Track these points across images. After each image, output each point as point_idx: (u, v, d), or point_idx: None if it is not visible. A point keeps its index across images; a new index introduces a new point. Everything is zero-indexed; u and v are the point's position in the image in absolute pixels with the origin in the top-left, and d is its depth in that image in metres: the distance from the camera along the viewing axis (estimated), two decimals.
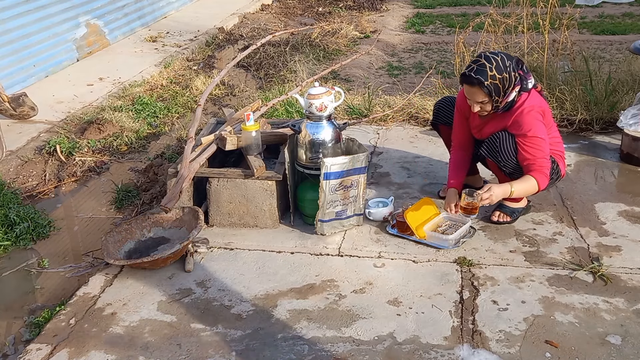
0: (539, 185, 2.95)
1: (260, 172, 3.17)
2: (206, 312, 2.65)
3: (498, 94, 2.89)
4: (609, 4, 9.07)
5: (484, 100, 2.92)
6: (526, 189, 2.97)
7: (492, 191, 2.88)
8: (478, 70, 2.86)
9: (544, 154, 2.94)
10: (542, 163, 2.94)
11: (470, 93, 2.94)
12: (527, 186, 2.95)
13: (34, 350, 2.47)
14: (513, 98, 2.94)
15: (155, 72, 6.16)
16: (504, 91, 2.90)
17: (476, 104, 2.96)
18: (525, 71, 2.96)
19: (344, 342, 2.43)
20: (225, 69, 4.14)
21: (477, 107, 2.97)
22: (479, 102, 2.93)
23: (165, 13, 8.47)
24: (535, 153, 2.92)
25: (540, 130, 2.93)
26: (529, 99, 2.96)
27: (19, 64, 5.61)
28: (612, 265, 2.83)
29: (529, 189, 2.97)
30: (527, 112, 2.93)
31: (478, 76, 2.85)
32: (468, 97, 2.99)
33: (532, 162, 2.93)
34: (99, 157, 4.40)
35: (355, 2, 9.71)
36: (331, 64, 6.31)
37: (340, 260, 2.98)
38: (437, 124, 3.51)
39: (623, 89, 4.63)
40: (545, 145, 2.94)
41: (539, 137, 2.91)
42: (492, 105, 2.94)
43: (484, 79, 2.85)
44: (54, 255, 3.29)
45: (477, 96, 2.92)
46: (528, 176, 2.95)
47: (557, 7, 4.97)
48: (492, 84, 2.85)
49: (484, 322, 2.51)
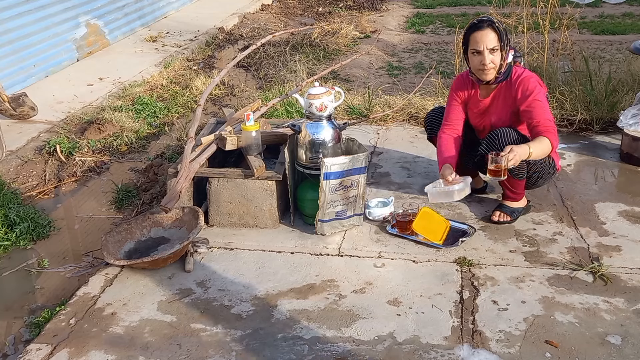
0: (552, 145, 2.94)
1: (260, 172, 3.17)
2: (206, 312, 2.65)
3: (506, 41, 2.96)
4: (609, 4, 9.10)
5: (495, 47, 2.94)
6: (542, 149, 2.94)
7: (515, 151, 2.84)
8: (485, 17, 2.99)
9: (549, 115, 2.99)
10: (550, 124, 2.96)
11: (482, 39, 2.94)
12: (542, 146, 2.94)
13: (34, 350, 2.47)
14: (510, 62, 3.01)
15: (155, 72, 6.16)
16: (506, 44, 2.97)
17: (487, 53, 2.95)
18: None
19: (344, 342, 2.43)
20: (225, 69, 4.14)
21: (488, 58, 2.96)
22: (490, 48, 2.94)
23: (165, 13, 8.47)
24: (543, 114, 2.95)
25: (542, 94, 2.99)
26: (526, 71, 3.05)
27: (19, 64, 5.61)
28: (612, 265, 2.83)
29: (544, 149, 2.95)
30: (527, 78, 3.01)
31: (487, 19, 2.97)
32: (478, 47, 2.96)
33: (541, 124, 2.94)
34: (99, 157, 4.40)
35: (355, 2, 9.71)
36: (331, 64, 6.31)
37: (340, 260, 2.98)
38: (433, 137, 3.48)
39: (623, 89, 4.63)
40: (549, 109, 3.01)
41: (541, 101, 2.96)
42: (501, 55, 2.97)
43: (494, 21, 2.96)
44: (54, 255, 3.29)
45: (488, 40, 2.93)
46: (542, 137, 2.94)
47: (557, 7, 4.97)
48: (500, 27, 2.95)
49: (484, 322, 2.51)
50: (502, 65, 3.00)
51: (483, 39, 2.95)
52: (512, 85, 3.03)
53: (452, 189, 2.96)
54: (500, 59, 2.98)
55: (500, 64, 2.99)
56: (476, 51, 2.98)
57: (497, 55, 2.98)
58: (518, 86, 3.01)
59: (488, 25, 2.94)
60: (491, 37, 2.94)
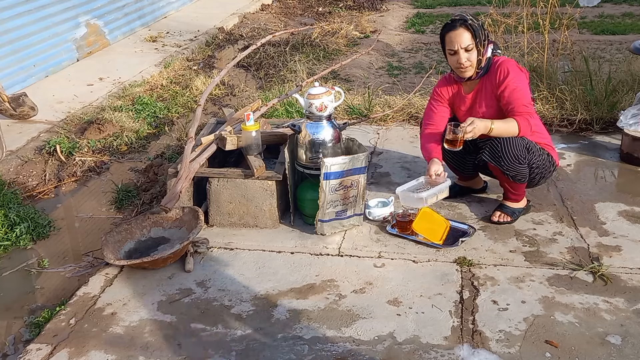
0: (519, 129, 2.93)
1: (260, 172, 3.17)
2: (206, 312, 2.65)
3: (481, 39, 2.95)
4: (609, 4, 9.09)
5: (469, 45, 2.94)
6: (507, 129, 2.95)
7: (475, 124, 2.88)
8: (458, 17, 2.98)
9: (526, 100, 2.97)
10: (524, 109, 2.95)
11: (456, 38, 2.95)
12: (507, 127, 2.95)
13: (34, 350, 2.47)
14: (489, 56, 3.02)
15: (155, 72, 6.16)
16: (484, 36, 2.97)
17: (462, 52, 2.96)
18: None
19: (344, 342, 2.43)
20: (225, 69, 4.14)
21: (464, 57, 2.97)
22: (464, 47, 2.95)
23: (165, 13, 8.47)
24: (519, 99, 2.95)
25: (520, 78, 2.99)
26: (504, 58, 3.07)
27: (19, 64, 5.61)
28: (612, 265, 2.83)
29: (509, 130, 2.95)
30: (505, 63, 3.01)
31: (460, 17, 2.96)
32: (453, 47, 2.97)
33: (515, 108, 2.95)
34: (99, 157, 4.40)
35: (355, 2, 9.70)
36: (331, 64, 6.31)
37: (340, 260, 2.98)
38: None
39: (623, 89, 4.63)
40: (527, 93, 3.00)
41: (518, 85, 2.96)
42: (478, 51, 2.97)
43: (466, 19, 2.95)
44: (54, 255, 3.29)
45: (462, 39, 2.93)
46: (510, 118, 2.96)
47: (557, 7, 4.97)
48: (474, 25, 2.94)
49: (484, 322, 2.51)
50: (480, 61, 3.01)
51: (457, 39, 2.96)
52: (492, 74, 3.04)
53: (421, 196, 2.92)
54: (478, 54, 2.99)
55: (479, 59, 3.00)
56: (452, 51, 2.99)
57: (473, 53, 2.98)
58: (497, 71, 3.01)
59: (461, 25, 2.94)
60: (465, 36, 2.94)
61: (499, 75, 3.00)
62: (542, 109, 4.53)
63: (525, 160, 2.97)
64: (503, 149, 2.96)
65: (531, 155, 2.99)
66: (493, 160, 3.02)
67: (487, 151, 3.03)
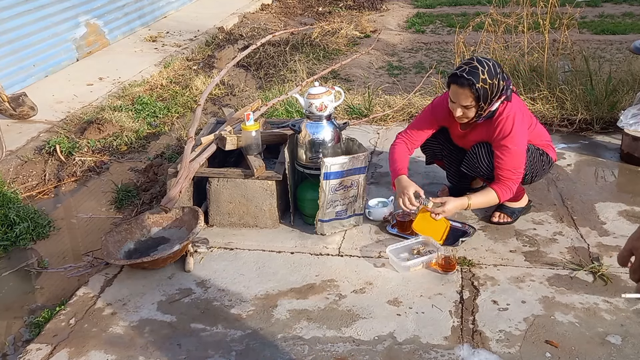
0: (499, 198, 2.93)
1: (260, 172, 3.17)
2: (206, 312, 2.65)
3: (485, 101, 2.81)
4: (609, 4, 9.09)
5: (469, 105, 2.83)
6: (486, 201, 2.97)
7: (446, 207, 2.90)
8: (470, 72, 2.77)
9: (516, 164, 2.88)
10: (510, 175, 2.89)
11: (457, 95, 2.83)
12: (486, 199, 2.96)
13: (34, 350, 2.47)
14: (496, 107, 2.88)
15: (155, 72, 6.16)
16: (491, 98, 2.83)
17: (460, 108, 2.86)
18: (506, 78, 2.90)
19: (344, 342, 2.43)
20: (225, 68, 4.14)
21: (459, 112, 2.87)
22: (463, 105, 2.84)
23: (165, 13, 8.47)
24: (507, 162, 2.88)
25: (520, 139, 2.87)
26: (508, 107, 2.88)
27: (18, 63, 5.61)
28: (612, 265, 2.82)
29: (489, 201, 2.97)
30: (507, 121, 2.86)
31: (470, 77, 2.75)
32: (453, 99, 2.87)
33: (500, 172, 2.90)
34: (98, 157, 4.39)
35: (355, 2, 9.70)
36: (331, 63, 6.30)
37: (340, 260, 2.98)
38: (432, 161, 3.48)
39: (623, 89, 4.62)
40: (521, 157, 2.89)
41: (514, 148, 2.86)
42: (476, 112, 2.87)
43: (476, 82, 2.75)
44: (54, 255, 3.29)
45: (463, 99, 2.81)
46: (489, 189, 2.95)
47: (557, 7, 4.97)
48: (482, 88, 2.77)
49: (484, 322, 2.51)
50: (480, 115, 2.90)
51: (457, 96, 2.83)
52: (492, 124, 2.92)
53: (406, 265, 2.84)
54: (479, 109, 2.86)
55: (479, 114, 2.89)
56: (451, 100, 2.90)
57: (471, 111, 2.87)
58: (496, 126, 2.89)
59: (467, 85, 2.76)
60: (463, 95, 2.80)
61: (498, 133, 2.87)
62: (542, 108, 4.53)
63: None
64: (478, 159, 2.99)
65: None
66: (472, 172, 3.07)
67: (465, 165, 3.08)
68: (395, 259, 2.88)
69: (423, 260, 2.87)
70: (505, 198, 2.95)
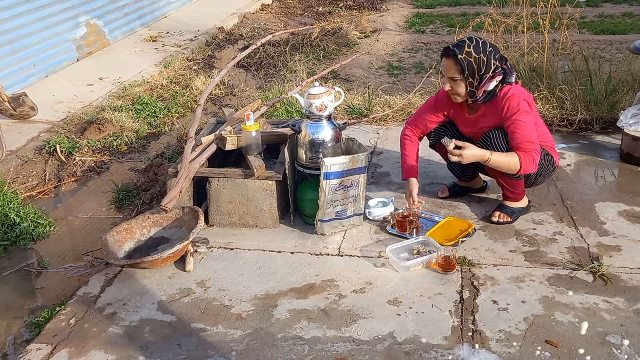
0: (521, 165, 2.90)
1: (260, 172, 3.17)
2: (206, 312, 2.65)
3: (472, 75, 2.90)
4: (609, 4, 9.09)
5: (456, 77, 2.92)
6: (506, 163, 2.93)
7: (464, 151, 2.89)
8: (457, 45, 2.93)
9: (530, 137, 2.91)
10: (530, 147, 2.91)
11: (446, 66, 2.95)
12: (507, 160, 2.92)
13: (34, 350, 2.47)
14: (494, 88, 2.95)
15: (155, 72, 6.16)
16: (480, 75, 2.90)
17: (448, 81, 2.96)
18: (509, 67, 2.98)
19: (344, 342, 2.43)
20: (225, 68, 4.15)
21: (448, 85, 2.97)
22: (450, 77, 2.94)
23: (165, 13, 8.47)
24: (524, 135, 2.90)
25: (526, 115, 2.92)
26: (513, 88, 2.97)
27: (19, 63, 5.61)
28: (612, 265, 2.83)
29: (509, 165, 2.93)
30: (512, 97, 2.93)
31: (454, 48, 2.90)
32: (443, 72, 2.98)
33: (520, 145, 2.91)
34: (99, 157, 4.40)
35: (355, 2, 9.70)
36: (331, 63, 6.30)
37: (340, 260, 2.98)
38: (435, 144, 3.47)
39: (623, 89, 4.62)
40: (532, 130, 2.93)
41: (524, 121, 2.90)
42: (466, 87, 2.93)
43: (459, 52, 2.88)
44: (54, 255, 3.29)
45: (450, 70, 2.93)
46: (513, 153, 2.93)
47: (557, 7, 4.97)
48: (466, 60, 2.88)
49: (484, 321, 2.51)
50: (474, 93, 2.96)
51: (445, 68, 2.97)
52: (498, 102, 2.97)
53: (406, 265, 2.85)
54: (470, 86, 2.93)
55: (472, 91, 2.95)
56: (442, 74, 3.01)
57: (459, 85, 2.94)
58: (503, 104, 2.94)
59: (452, 56, 2.90)
60: (451, 67, 2.92)
61: (505, 111, 2.93)
62: (542, 108, 4.53)
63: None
64: (492, 142, 2.97)
65: None
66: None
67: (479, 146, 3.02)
68: (395, 258, 2.88)
69: (423, 260, 2.87)
70: (527, 168, 2.91)
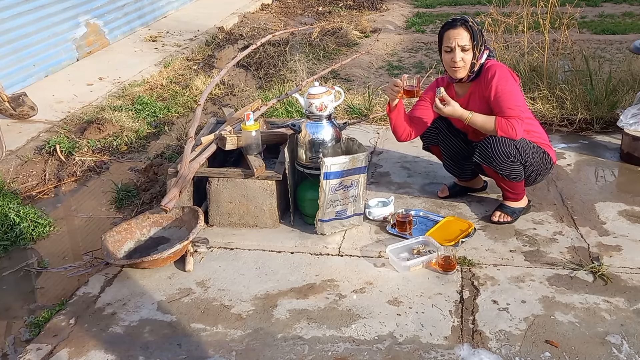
0: (496, 128, 2.94)
1: (260, 171, 3.17)
2: (206, 312, 2.65)
3: (478, 41, 2.97)
4: (609, 4, 9.09)
5: (466, 46, 2.95)
6: (483, 121, 2.98)
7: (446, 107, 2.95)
8: (460, 17, 3.02)
9: (514, 103, 2.95)
10: (512, 112, 2.93)
11: (453, 37, 2.96)
12: (484, 120, 2.98)
13: (34, 350, 2.47)
14: (483, 61, 3.03)
15: (155, 72, 6.16)
16: (480, 45, 2.98)
17: (459, 51, 2.96)
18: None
19: (344, 342, 2.43)
20: (225, 68, 4.15)
21: (459, 55, 2.97)
22: (461, 46, 2.95)
23: (165, 12, 8.47)
24: (507, 100, 2.94)
25: (509, 82, 2.97)
26: (497, 63, 3.05)
27: (18, 63, 5.60)
28: (612, 265, 2.83)
29: (485, 123, 2.98)
30: (496, 67, 3.00)
31: (461, 18, 2.99)
32: (450, 44, 2.97)
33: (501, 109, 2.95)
34: (98, 156, 4.39)
35: (355, 1, 9.70)
36: (331, 63, 6.30)
37: (340, 260, 2.98)
38: (429, 146, 3.49)
39: (623, 89, 4.62)
40: (515, 96, 2.97)
41: (507, 88, 2.95)
42: (473, 54, 2.97)
43: (468, 20, 2.98)
44: (54, 255, 3.29)
45: (463, 38, 2.95)
46: (492, 117, 2.97)
47: (557, 7, 4.97)
48: (474, 26, 2.97)
49: (484, 321, 2.51)
50: (474, 64, 3.01)
51: (456, 37, 2.97)
52: (483, 76, 3.04)
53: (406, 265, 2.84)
54: (473, 57, 2.99)
55: (473, 62, 3.00)
56: (449, 48, 3.00)
57: (469, 54, 2.98)
58: (487, 75, 3.01)
59: (461, 24, 2.96)
60: (463, 35, 2.96)
61: (488, 77, 2.99)
62: (542, 108, 4.53)
63: (516, 158, 2.97)
64: (492, 148, 2.97)
65: (522, 153, 2.98)
66: (485, 161, 3.04)
67: (478, 153, 3.05)
68: (395, 258, 2.88)
69: (423, 260, 2.87)
70: (502, 130, 2.94)
